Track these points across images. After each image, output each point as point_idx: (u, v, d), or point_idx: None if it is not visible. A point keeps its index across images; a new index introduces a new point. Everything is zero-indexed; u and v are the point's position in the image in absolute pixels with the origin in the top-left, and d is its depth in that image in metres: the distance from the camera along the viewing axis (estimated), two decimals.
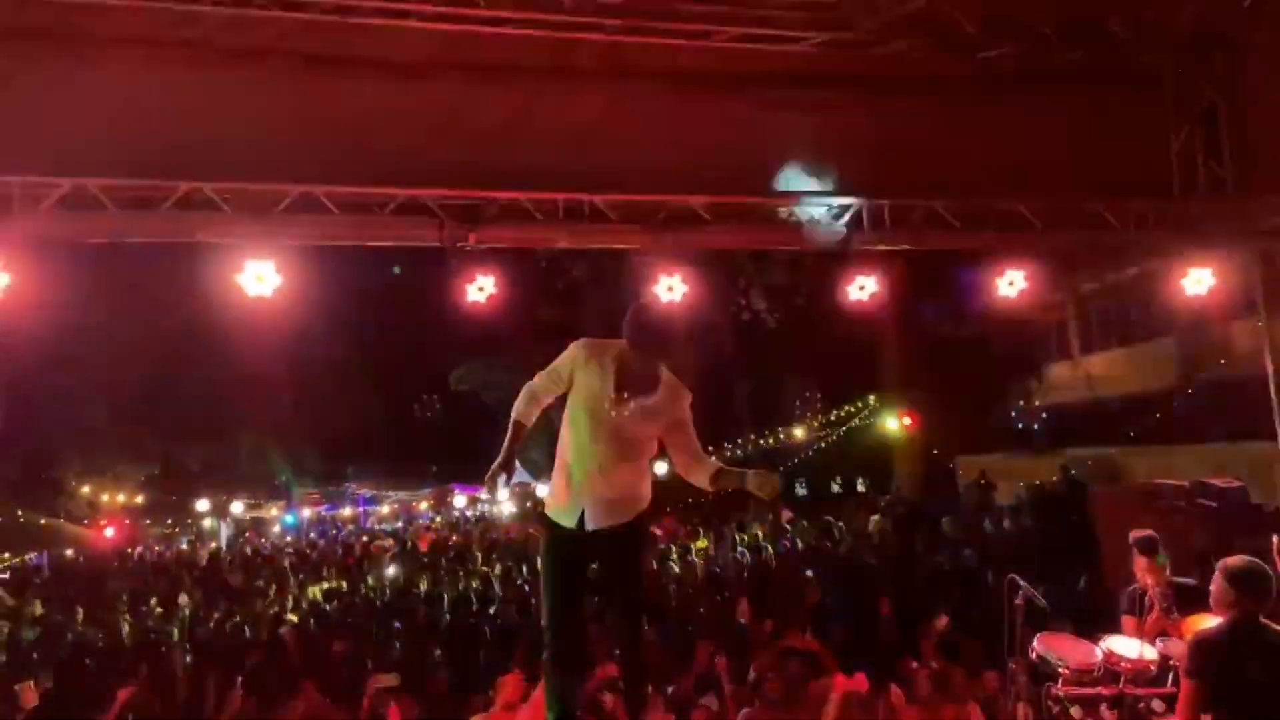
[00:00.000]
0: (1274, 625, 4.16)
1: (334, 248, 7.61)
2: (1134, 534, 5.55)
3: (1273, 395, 8.16)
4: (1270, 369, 8.19)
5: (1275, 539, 5.74)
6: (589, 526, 3.83)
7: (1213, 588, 4.33)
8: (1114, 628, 5.64)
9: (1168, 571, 5.36)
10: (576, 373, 3.87)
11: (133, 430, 27.58)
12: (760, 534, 19.51)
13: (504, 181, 6.83)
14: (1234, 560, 4.30)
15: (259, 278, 6.46)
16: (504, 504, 29.55)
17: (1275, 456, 8.37)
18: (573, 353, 3.91)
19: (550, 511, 4.01)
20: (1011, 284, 7.77)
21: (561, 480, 3.96)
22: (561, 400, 3.99)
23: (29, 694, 6.17)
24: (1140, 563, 5.45)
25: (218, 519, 30.16)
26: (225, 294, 6.57)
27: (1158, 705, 4.90)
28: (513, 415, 4.03)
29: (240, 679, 7.53)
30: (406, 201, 6.65)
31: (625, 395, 3.78)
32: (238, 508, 28.91)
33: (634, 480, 3.93)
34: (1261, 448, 8.63)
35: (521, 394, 4.04)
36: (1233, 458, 10.06)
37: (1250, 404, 9.09)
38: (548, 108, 6.96)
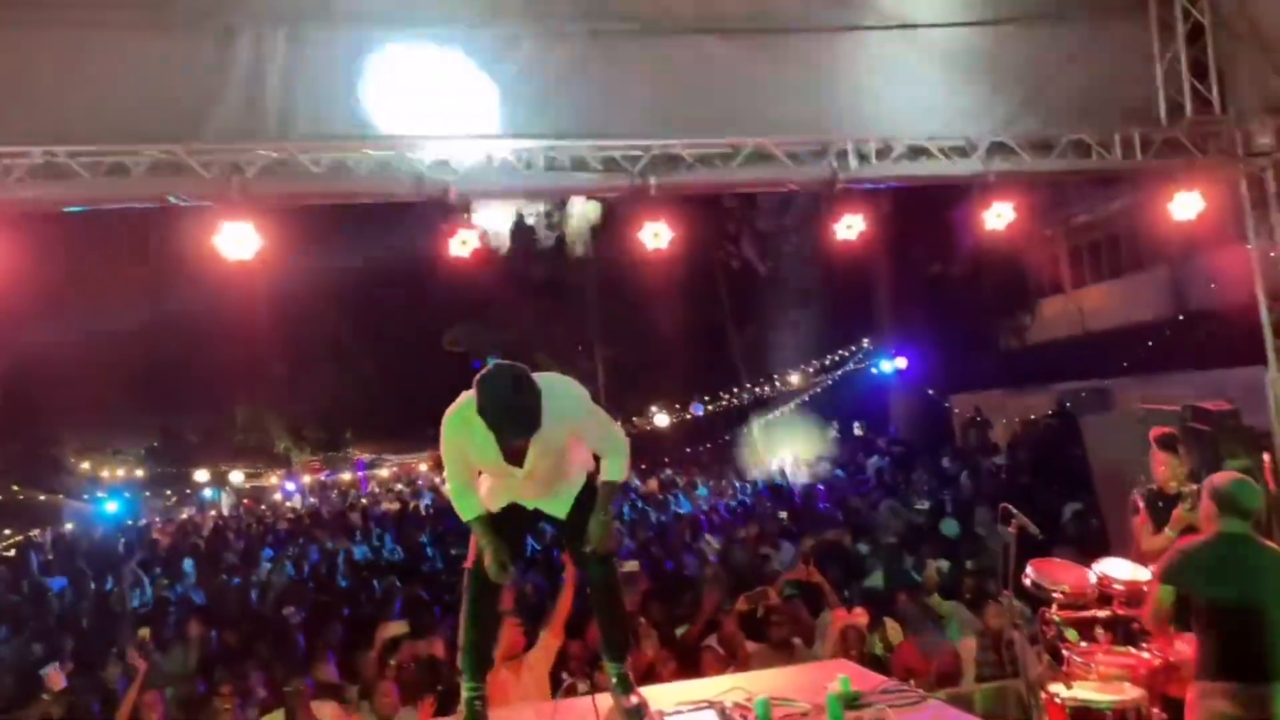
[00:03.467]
0: (1263, 540, 4.22)
1: (318, 207, 7.54)
2: (1154, 431, 5.58)
3: (1263, 318, 8.15)
4: (1260, 292, 8.17)
5: (1266, 458, 5.78)
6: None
7: (1200, 505, 4.39)
8: (1110, 552, 5.68)
9: (1187, 468, 5.34)
10: (465, 452, 3.64)
11: (129, 404, 27.62)
12: (759, 480, 19.67)
13: (481, 131, 6.72)
14: (1218, 477, 4.38)
15: (238, 241, 6.38)
16: None
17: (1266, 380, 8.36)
18: (447, 437, 3.64)
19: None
20: (999, 216, 7.71)
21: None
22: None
23: (55, 677, 6.23)
24: (1160, 458, 5.45)
25: (218, 489, 30.30)
26: (210, 261, 6.51)
27: None
28: (466, 518, 3.77)
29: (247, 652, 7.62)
30: (383, 157, 6.54)
31: (513, 454, 3.54)
32: (237, 477, 29.03)
33: (569, 481, 3.85)
34: (1253, 372, 8.63)
35: (454, 502, 3.82)
36: (1225, 383, 10.07)
37: (1242, 330, 9.08)
38: (525, 54, 6.82)
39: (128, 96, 6.22)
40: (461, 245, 7.02)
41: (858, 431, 27.10)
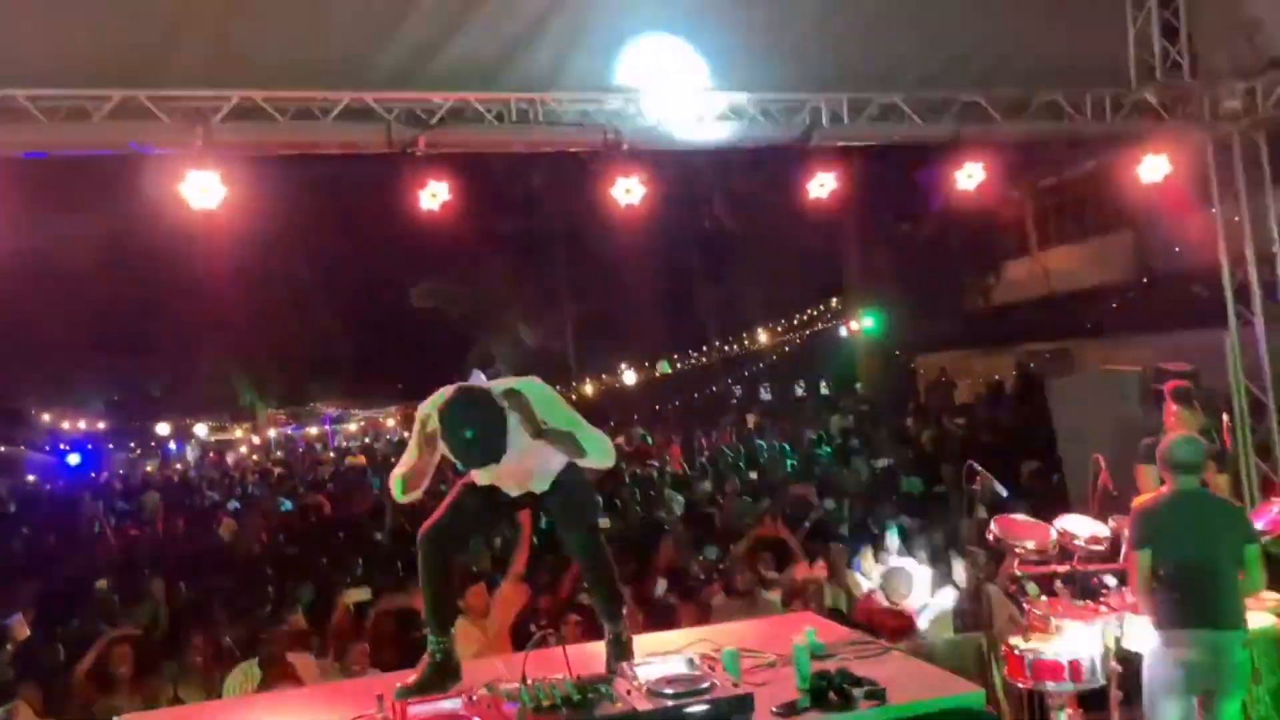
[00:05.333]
0: (1213, 494, 4.41)
1: (283, 157, 7.39)
2: (1168, 385, 5.66)
3: (1225, 281, 8.28)
4: (1223, 255, 8.29)
5: (1225, 418, 5.92)
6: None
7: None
8: (1071, 509, 5.80)
9: (1195, 422, 5.40)
10: (435, 447, 3.49)
11: (91, 356, 27.24)
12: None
13: (452, 82, 6.61)
14: (1164, 441, 4.56)
15: (203, 189, 6.26)
16: None
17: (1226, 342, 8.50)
18: (420, 428, 3.50)
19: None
20: (970, 177, 7.74)
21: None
22: None
23: (21, 628, 6.20)
24: (1172, 410, 5.54)
25: (182, 442, 30.04)
26: (174, 211, 6.38)
27: (1110, 580, 5.09)
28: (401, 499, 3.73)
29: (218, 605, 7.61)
30: (351, 105, 6.41)
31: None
32: (202, 430, 28.77)
33: (549, 470, 3.72)
34: (1215, 335, 8.80)
35: (394, 482, 3.69)
36: (1186, 345, 10.24)
37: (1205, 292, 9.24)
38: (497, 3, 6.70)
39: (88, 38, 6.03)
40: (431, 198, 6.92)
41: (824, 391, 27.34)
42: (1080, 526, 5.20)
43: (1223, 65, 7.80)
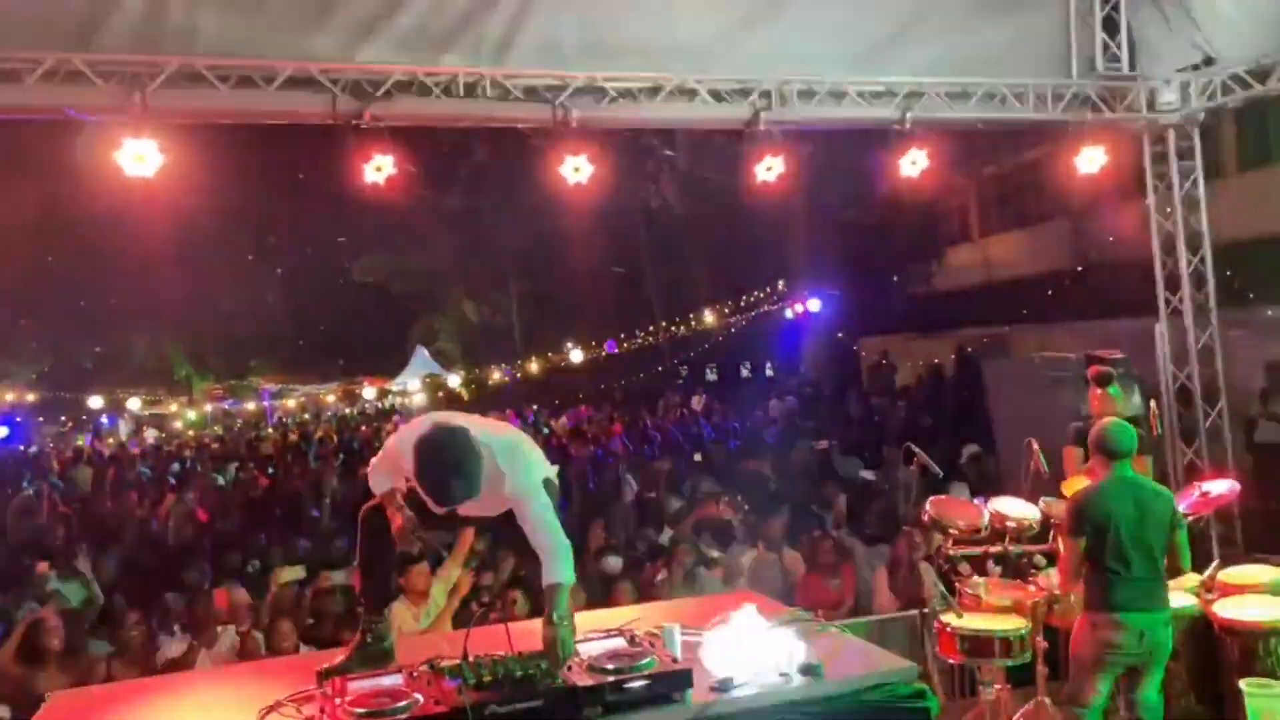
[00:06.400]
0: (1144, 479, 4.53)
1: (223, 125, 7.22)
2: (1091, 370, 5.79)
3: (1157, 270, 8.52)
4: (1155, 245, 8.53)
5: (1152, 404, 6.10)
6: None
7: (1088, 455, 4.65)
8: (1005, 490, 5.95)
9: (1119, 404, 5.52)
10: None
11: (18, 325, 26.44)
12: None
13: (400, 55, 6.52)
14: (1094, 429, 4.65)
15: (139, 157, 6.10)
16: (416, 395, 29.43)
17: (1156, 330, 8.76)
18: (397, 450, 3.47)
19: None
20: (914, 163, 7.83)
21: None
22: None
23: None
24: (1095, 394, 5.68)
25: (115, 416, 29.32)
26: (109, 178, 6.21)
27: (1039, 560, 5.25)
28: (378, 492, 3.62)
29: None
30: (295, 74, 6.29)
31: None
32: (135, 404, 28.04)
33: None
34: (1145, 323, 9.05)
35: (372, 476, 3.64)
36: (1118, 332, 10.54)
37: (1137, 281, 9.49)
38: None
39: None
40: (376, 172, 6.82)
41: (769, 373, 27.59)
42: (1012, 508, 5.34)
43: (1159, 59, 8.00)
